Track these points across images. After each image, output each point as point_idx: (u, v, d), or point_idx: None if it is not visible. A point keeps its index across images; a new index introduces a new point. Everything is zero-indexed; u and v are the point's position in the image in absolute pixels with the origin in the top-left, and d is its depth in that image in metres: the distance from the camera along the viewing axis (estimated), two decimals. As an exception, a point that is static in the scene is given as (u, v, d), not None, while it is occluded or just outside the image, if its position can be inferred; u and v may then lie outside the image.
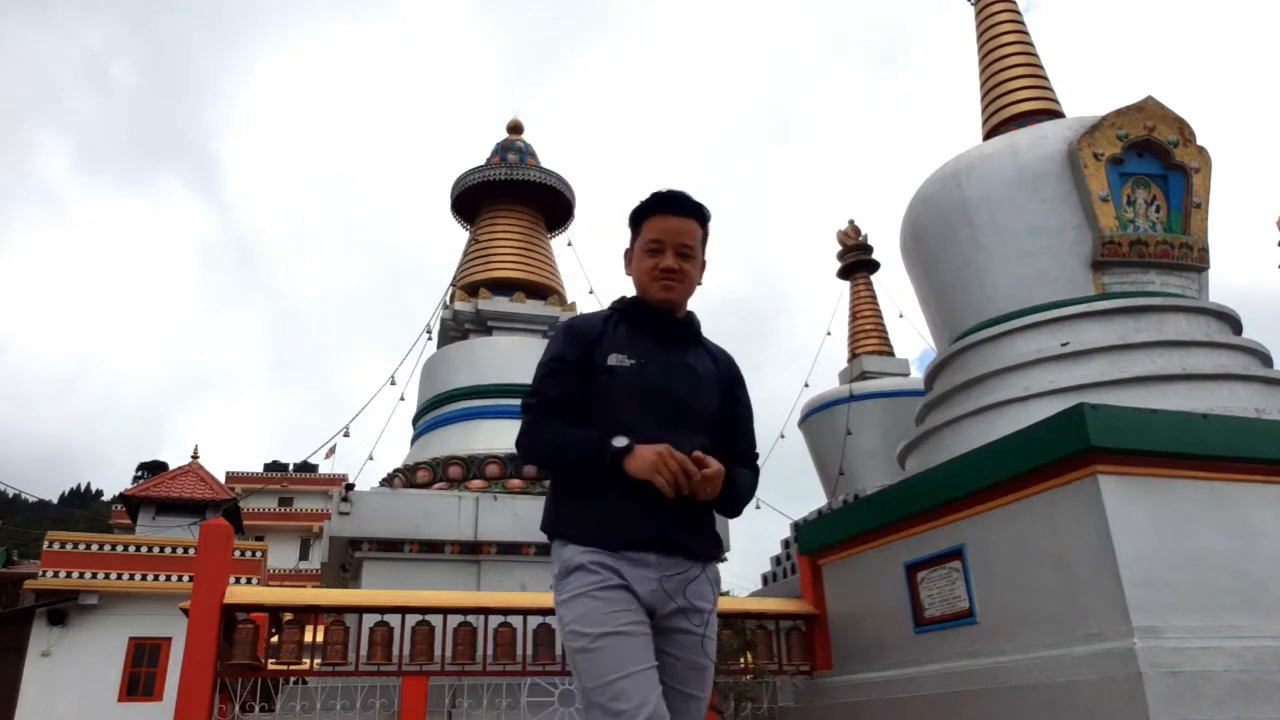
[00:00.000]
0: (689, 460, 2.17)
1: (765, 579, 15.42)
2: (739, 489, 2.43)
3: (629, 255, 2.54)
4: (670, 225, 2.43)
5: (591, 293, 15.20)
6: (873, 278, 17.99)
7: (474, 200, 15.30)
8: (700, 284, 2.54)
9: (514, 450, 11.56)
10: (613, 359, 2.36)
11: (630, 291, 2.55)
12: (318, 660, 7.41)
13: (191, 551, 15.22)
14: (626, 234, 2.58)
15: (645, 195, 2.53)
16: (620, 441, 2.19)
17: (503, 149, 15.33)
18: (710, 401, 2.46)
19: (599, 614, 2.12)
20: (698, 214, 2.49)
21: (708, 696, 2.34)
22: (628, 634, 2.12)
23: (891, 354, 16.88)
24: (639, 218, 2.50)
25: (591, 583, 2.17)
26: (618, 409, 2.29)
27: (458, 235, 16.40)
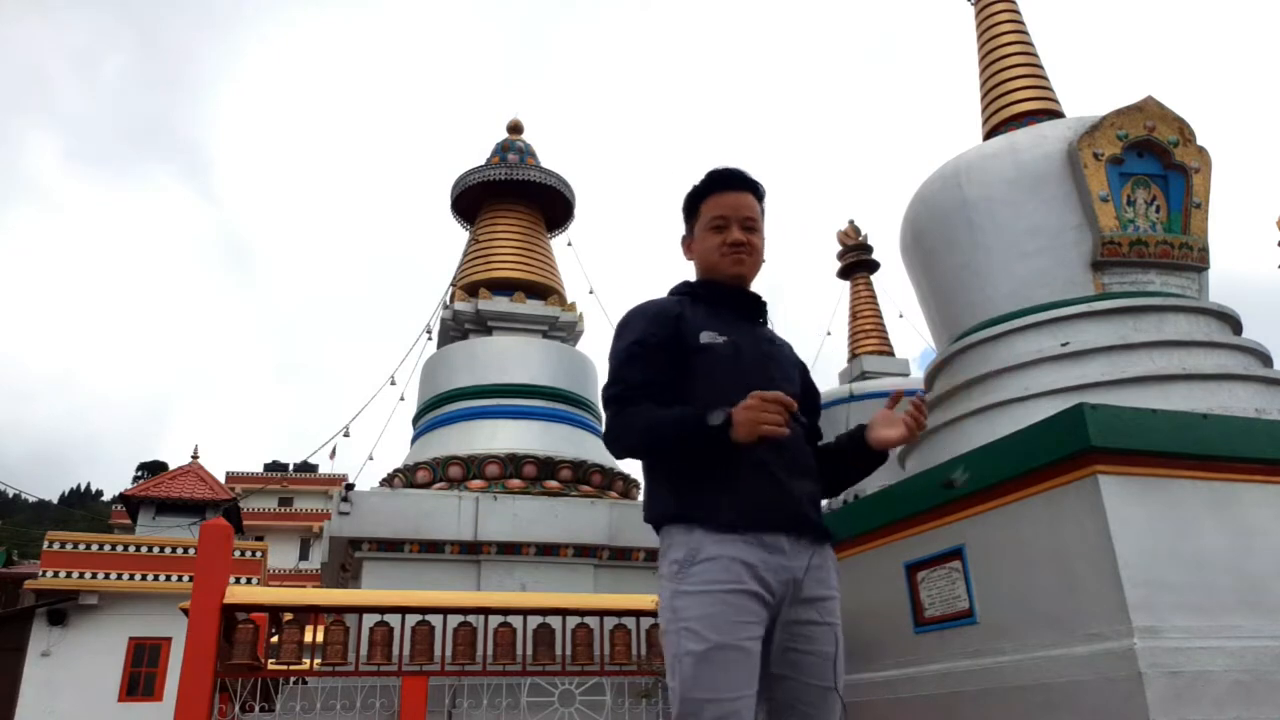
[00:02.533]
0: (781, 395, 2.05)
1: (765, 579, 15.40)
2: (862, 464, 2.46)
3: (688, 241, 2.47)
4: (731, 200, 2.39)
5: (591, 293, 15.23)
6: (873, 278, 18.00)
7: (474, 200, 15.31)
8: (764, 261, 2.49)
9: (514, 450, 11.66)
10: (705, 336, 2.25)
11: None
12: (318, 660, 7.41)
13: (191, 551, 15.23)
14: (677, 223, 2.52)
15: (699, 178, 2.48)
16: (717, 418, 2.06)
17: (503, 149, 15.34)
18: (793, 379, 2.43)
19: (725, 620, 1.99)
20: (754, 189, 2.44)
21: (841, 687, 2.21)
22: (747, 651, 1.99)
23: (891, 354, 16.88)
24: (696, 200, 2.45)
25: (724, 581, 2.03)
26: (722, 389, 2.16)
27: (457, 235, 16.39)
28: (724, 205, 2.40)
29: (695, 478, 2.14)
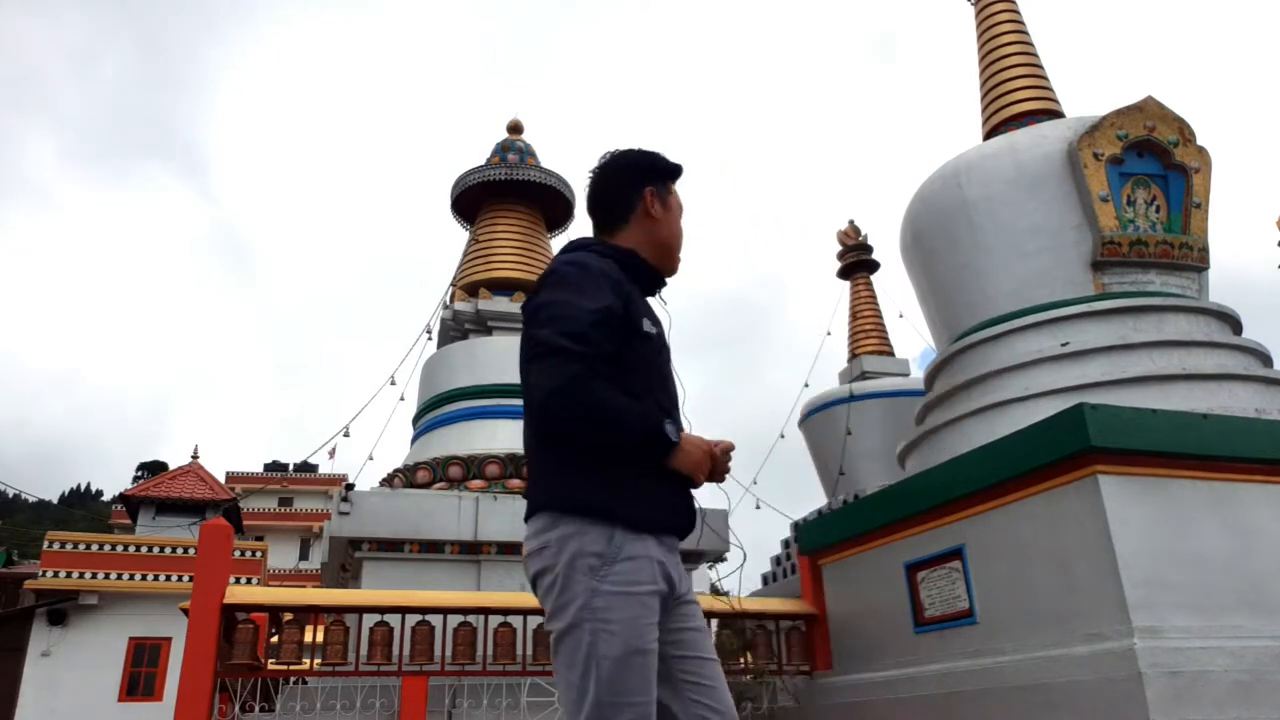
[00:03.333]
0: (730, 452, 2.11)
1: (765, 579, 15.43)
2: None
3: (653, 199, 2.25)
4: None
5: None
6: (873, 278, 18.00)
7: (474, 200, 15.30)
8: None
9: (514, 450, 11.64)
10: (646, 324, 2.14)
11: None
12: (318, 660, 7.41)
13: (191, 551, 15.23)
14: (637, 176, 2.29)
15: (668, 155, 2.33)
16: (674, 435, 2.01)
17: (502, 149, 15.34)
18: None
19: (643, 624, 1.94)
20: None
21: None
22: (655, 654, 1.97)
23: (891, 354, 16.88)
24: (674, 174, 2.31)
25: (644, 583, 1.97)
26: (652, 385, 2.10)
27: (458, 235, 16.40)
28: (682, 204, 2.33)
29: (620, 472, 2.02)
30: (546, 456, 2.10)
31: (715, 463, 2.10)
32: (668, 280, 2.30)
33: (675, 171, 2.33)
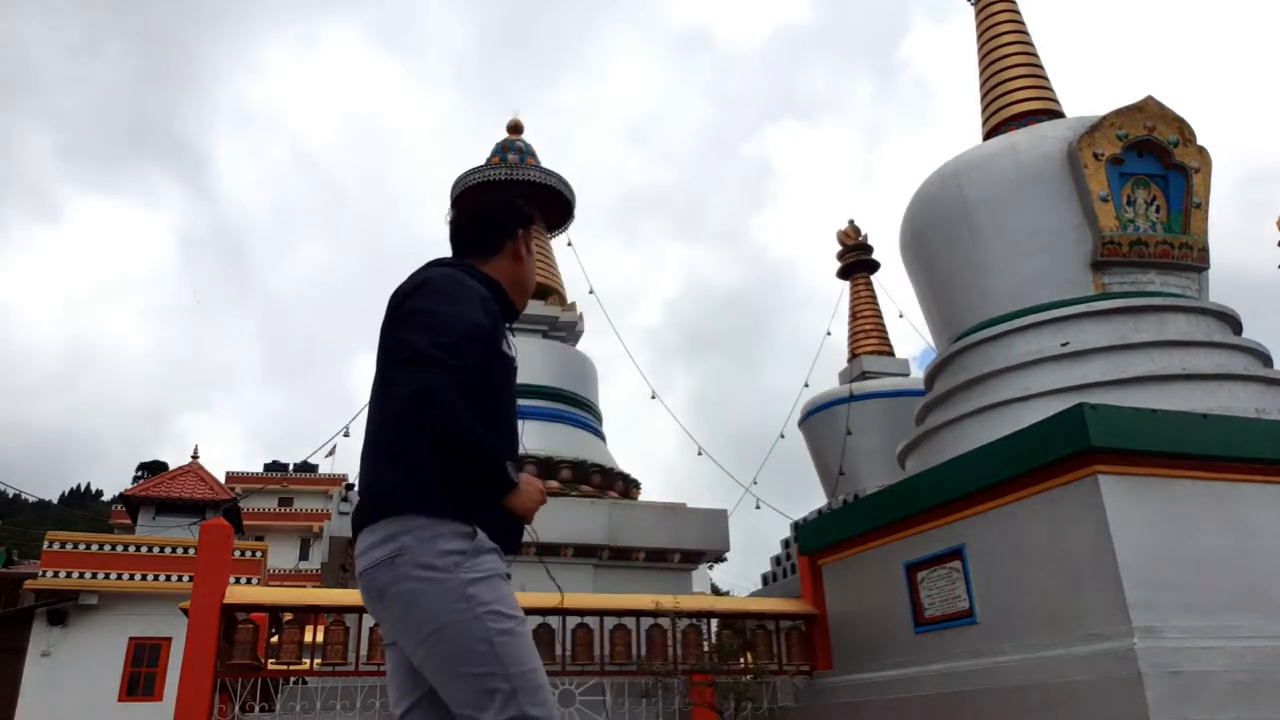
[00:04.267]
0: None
1: (765, 579, 15.42)
2: None
3: (516, 249, 2.40)
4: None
5: (591, 293, 15.21)
6: (873, 278, 18.00)
7: (473, 200, 15.30)
8: None
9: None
10: (505, 347, 2.24)
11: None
12: (318, 660, 7.41)
13: (191, 551, 15.23)
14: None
15: (517, 200, 2.56)
16: (515, 476, 2.13)
17: (502, 149, 15.35)
18: None
19: (514, 599, 2.07)
20: None
21: None
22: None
23: (891, 354, 16.88)
24: (529, 221, 2.50)
25: (501, 570, 2.11)
26: (508, 406, 2.23)
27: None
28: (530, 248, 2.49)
29: (480, 493, 2.09)
30: (400, 457, 2.08)
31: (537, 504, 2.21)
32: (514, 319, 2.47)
33: (527, 221, 2.50)
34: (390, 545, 2.00)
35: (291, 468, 42.09)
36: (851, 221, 18.23)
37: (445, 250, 2.49)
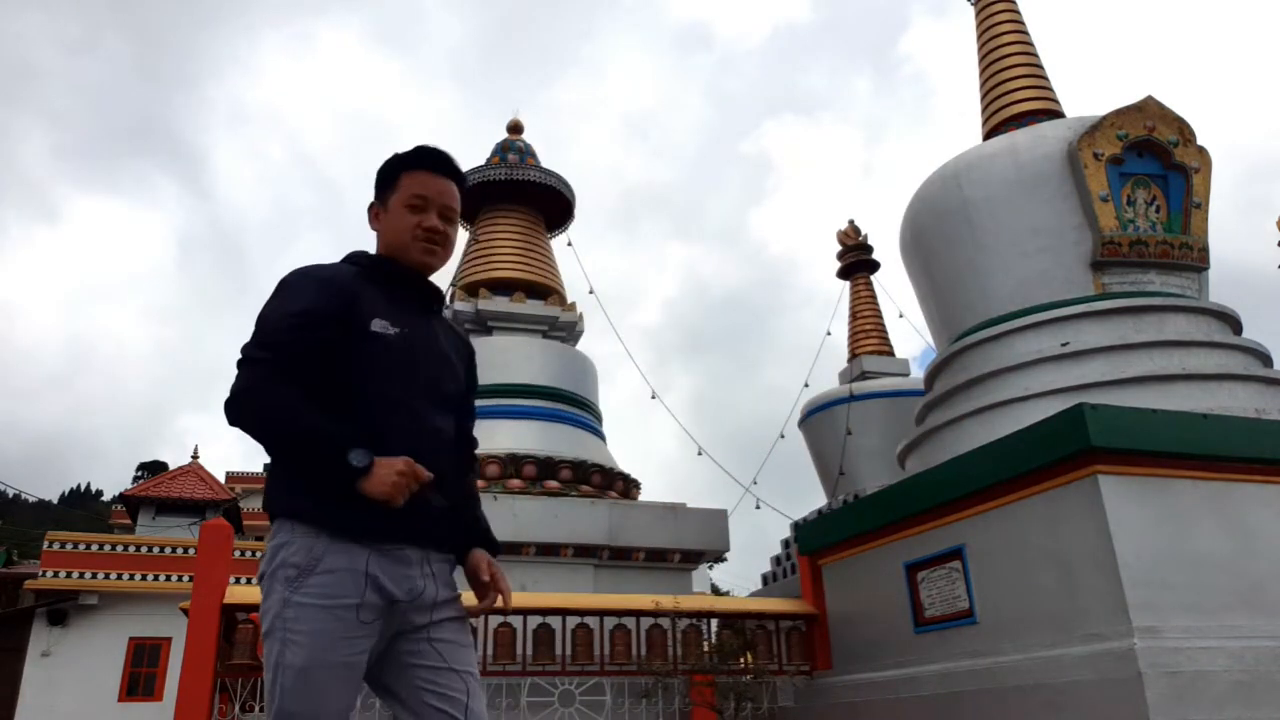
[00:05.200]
0: (423, 474, 1.96)
1: (765, 579, 15.42)
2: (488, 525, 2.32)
3: (376, 211, 2.29)
4: (436, 184, 2.24)
5: (591, 293, 15.21)
6: (873, 278, 18.00)
7: (474, 200, 15.29)
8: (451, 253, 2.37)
9: (514, 450, 11.66)
10: (377, 324, 2.09)
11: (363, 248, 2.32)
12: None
13: (191, 551, 15.22)
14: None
15: (405, 149, 2.32)
16: (360, 459, 1.91)
17: (502, 149, 15.34)
18: (459, 377, 2.32)
19: (336, 637, 1.91)
20: (460, 179, 2.32)
21: (476, 673, 2.18)
22: (351, 666, 1.94)
23: (891, 354, 16.88)
24: (397, 169, 2.28)
25: (341, 596, 1.92)
26: (386, 384, 2.06)
27: (458, 235, 16.34)
28: (428, 186, 2.23)
29: (335, 483, 1.98)
30: (271, 463, 2.09)
31: (417, 479, 1.96)
32: (426, 272, 2.28)
33: (393, 170, 2.30)
34: (266, 547, 2.04)
35: (291, 468, 42.04)
36: (851, 221, 18.23)
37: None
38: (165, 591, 17.00)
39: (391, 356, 2.07)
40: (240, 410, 1.97)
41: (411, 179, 2.24)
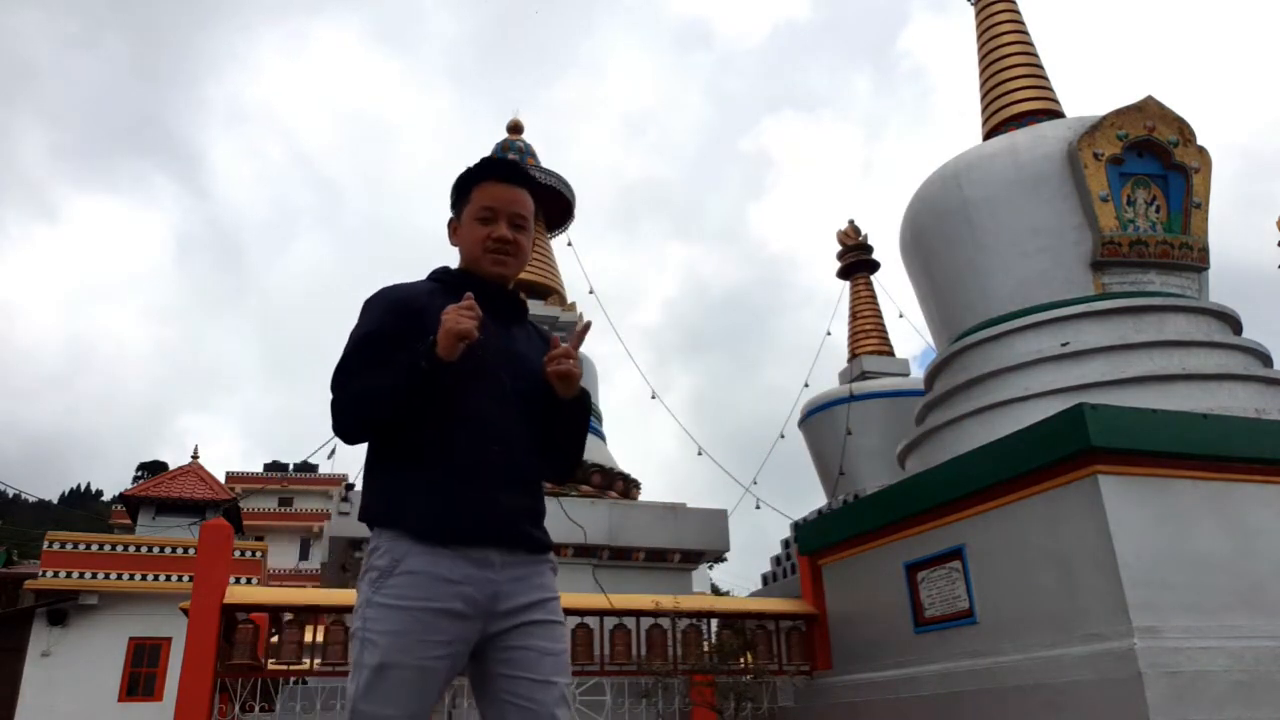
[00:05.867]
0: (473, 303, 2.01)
1: (765, 579, 15.42)
2: (583, 423, 2.27)
3: (454, 225, 2.38)
4: (504, 194, 2.29)
5: (591, 293, 15.21)
6: (873, 278, 18.00)
7: (474, 200, 15.29)
8: (528, 259, 2.39)
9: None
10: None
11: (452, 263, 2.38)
12: (318, 660, 7.41)
13: (191, 551, 15.22)
14: (448, 204, 2.42)
15: (474, 163, 2.37)
16: (424, 344, 1.98)
17: (502, 149, 15.34)
18: (540, 383, 2.26)
19: (413, 639, 1.94)
20: (531, 185, 2.36)
21: (567, 682, 2.15)
22: (428, 670, 1.96)
23: (891, 354, 16.88)
24: (468, 184, 2.33)
25: (420, 598, 1.96)
26: (457, 393, 2.08)
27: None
28: (495, 197, 2.29)
29: (408, 483, 2.07)
30: (364, 472, 2.22)
31: (469, 308, 2.00)
32: (501, 282, 2.32)
33: (465, 185, 2.36)
34: (366, 552, 2.13)
35: (291, 468, 42.08)
36: (851, 221, 18.23)
37: (446, 248, 2.47)
38: (165, 591, 17.01)
39: (462, 367, 2.07)
40: (347, 431, 2.11)
41: (480, 191, 2.30)
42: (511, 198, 2.30)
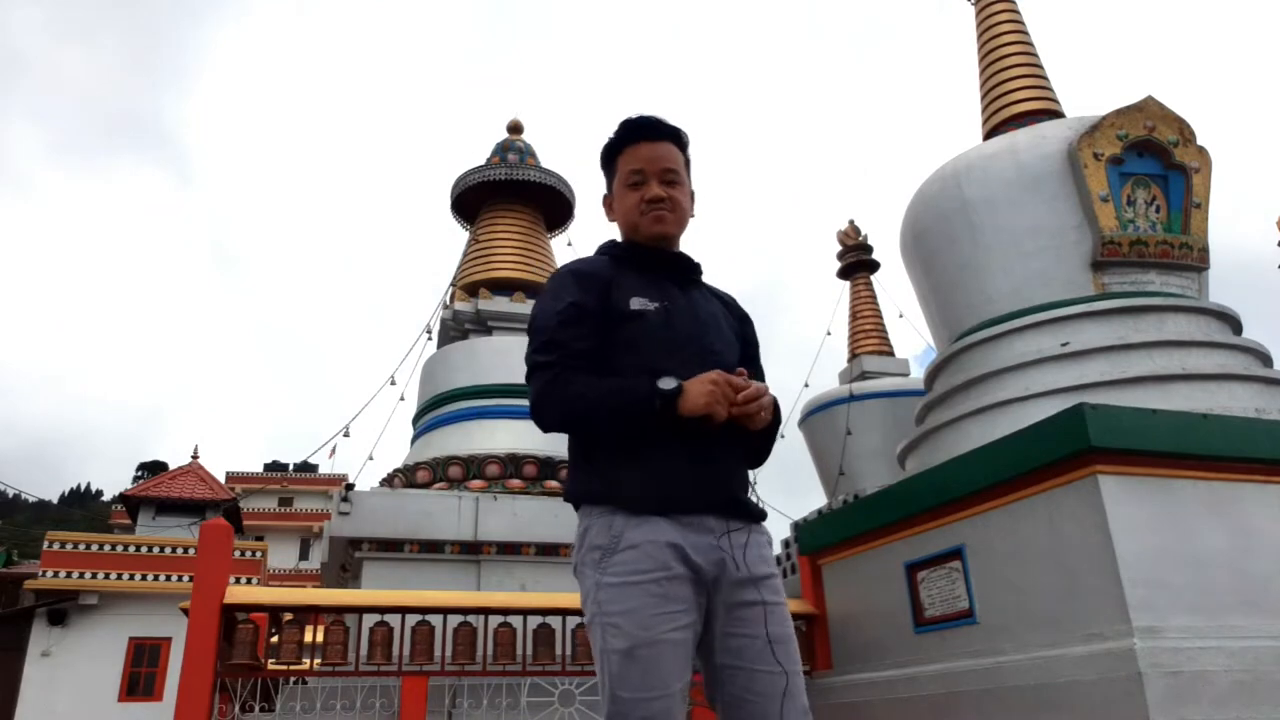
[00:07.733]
0: (739, 381, 1.94)
1: (765, 579, 15.41)
2: (777, 423, 2.19)
3: (609, 200, 2.30)
4: (648, 152, 2.21)
5: (591, 292, 15.18)
6: (873, 278, 18.00)
7: (474, 200, 15.31)
8: (693, 215, 2.31)
9: (514, 450, 11.65)
10: (636, 303, 2.09)
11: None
12: (318, 660, 7.41)
13: (191, 551, 15.23)
14: (600, 181, 2.36)
15: (614, 129, 2.28)
16: (668, 383, 1.91)
17: (503, 149, 15.34)
18: (732, 345, 2.26)
19: (650, 613, 1.86)
20: (675, 137, 2.27)
21: (800, 669, 2.07)
22: (674, 644, 1.89)
23: (891, 354, 16.88)
24: (612, 154, 2.27)
25: (649, 570, 1.88)
26: (653, 360, 2.02)
27: (458, 235, 16.40)
28: (640, 158, 2.20)
29: (616, 454, 2.00)
30: (569, 453, 2.18)
31: (733, 389, 1.93)
32: (673, 244, 2.27)
33: (610, 155, 2.30)
34: (576, 535, 2.08)
35: (291, 468, 42.14)
36: (851, 221, 18.23)
37: (447, 240, 2.46)
38: (165, 591, 17.03)
39: (654, 331, 2.07)
40: (544, 415, 2.05)
41: (625, 157, 2.24)
42: (657, 154, 2.22)
